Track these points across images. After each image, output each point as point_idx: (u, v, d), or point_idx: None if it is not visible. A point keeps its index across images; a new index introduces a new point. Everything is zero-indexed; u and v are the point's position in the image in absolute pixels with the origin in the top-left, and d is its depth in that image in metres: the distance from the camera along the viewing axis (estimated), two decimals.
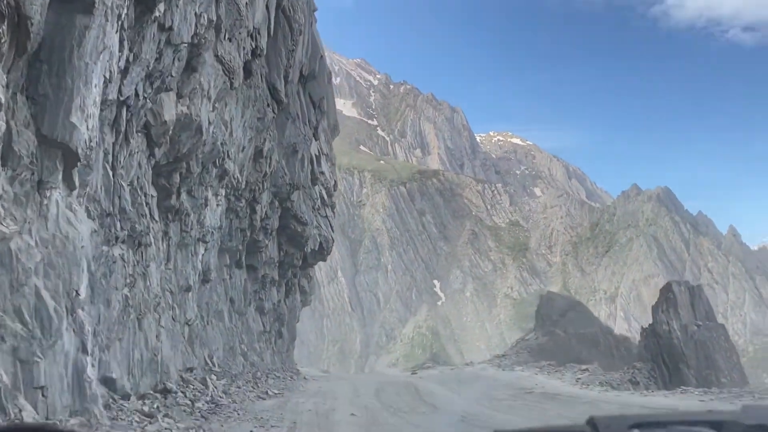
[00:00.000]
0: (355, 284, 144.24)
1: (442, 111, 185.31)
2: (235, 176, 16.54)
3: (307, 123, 22.54)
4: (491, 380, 17.91)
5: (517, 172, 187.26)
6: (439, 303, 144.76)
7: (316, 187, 26.81)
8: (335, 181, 31.04)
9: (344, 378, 29.28)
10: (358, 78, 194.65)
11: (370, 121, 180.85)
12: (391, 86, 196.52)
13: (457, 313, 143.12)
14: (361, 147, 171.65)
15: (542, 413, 11.26)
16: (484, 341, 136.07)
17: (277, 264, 24.59)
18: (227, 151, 15.33)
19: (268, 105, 17.35)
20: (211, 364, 17.39)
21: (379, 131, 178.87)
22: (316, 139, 24.74)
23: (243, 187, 17.41)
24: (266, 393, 16.18)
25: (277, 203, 21.87)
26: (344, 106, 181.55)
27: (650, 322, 21.33)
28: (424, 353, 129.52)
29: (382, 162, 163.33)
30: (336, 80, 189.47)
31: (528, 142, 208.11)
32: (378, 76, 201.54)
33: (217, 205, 16.17)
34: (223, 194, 16.49)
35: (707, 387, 15.50)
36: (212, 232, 16.38)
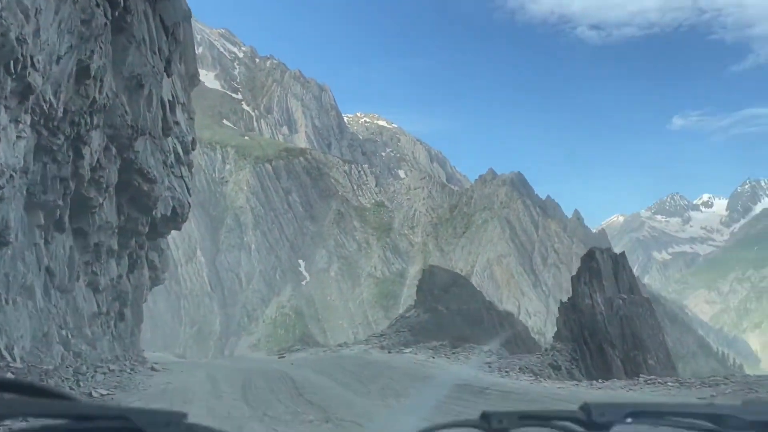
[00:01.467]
0: (215, 264, 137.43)
1: (310, 89, 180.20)
2: (47, 98, 11.65)
3: (157, 53, 17.66)
4: (385, 367, 14.63)
5: (383, 153, 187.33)
6: (304, 283, 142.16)
7: (169, 139, 21.84)
8: (193, 138, 26.08)
9: (202, 366, 24.84)
10: (221, 49, 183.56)
11: (234, 95, 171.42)
12: (257, 60, 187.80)
13: (321, 292, 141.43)
14: (225, 121, 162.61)
15: None
16: (347, 320, 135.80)
17: (117, 230, 19.49)
18: (32, 57, 10.48)
19: (98, 5, 12.51)
20: (9, 358, 12.44)
21: (244, 106, 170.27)
22: (168, 76, 19.80)
23: (60, 116, 12.49)
24: (89, 396, 11.69)
25: (115, 151, 16.86)
26: (206, 77, 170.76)
27: (569, 295, 18.89)
28: (287, 334, 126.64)
29: (246, 138, 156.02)
30: (198, 50, 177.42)
31: (394, 125, 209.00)
32: (243, 49, 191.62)
33: (18, 136, 11.22)
34: (28, 122, 11.54)
35: (634, 369, 13.32)
36: (11, 176, 11.41)
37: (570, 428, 1.31)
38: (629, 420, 1.33)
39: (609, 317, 16.91)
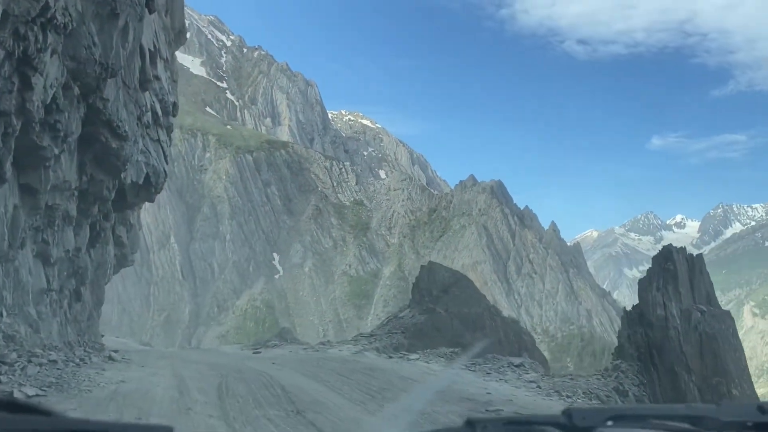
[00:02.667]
0: (188, 252, 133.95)
1: (296, 83, 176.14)
2: None
3: None
4: (395, 377, 11.60)
5: (365, 153, 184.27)
6: (277, 276, 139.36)
7: (147, 94, 18.45)
8: (175, 102, 22.69)
9: (168, 357, 21.47)
10: (209, 36, 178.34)
11: (219, 83, 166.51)
12: (245, 49, 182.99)
13: (293, 287, 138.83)
14: (208, 109, 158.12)
15: None
16: (318, 317, 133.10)
17: (76, 193, 16.07)
18: None
19: None
20: None
21: (228, 95, 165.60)
22: (150, 12, 16.44)
23: None
24: (10, 395, 8.41)
25: (77, 91, 13.49)
26: (192, 63, 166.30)
27: (635, 303, 15.47)
28: (257, 326, 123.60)
29: (229, 127, 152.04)
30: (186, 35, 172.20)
31: (377, 124, 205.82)
32: (231, 37, 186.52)
33: None
34: None
35: (715, 400, 10.48)
36: None
37: None
38: (610, 423, 1.32)
39: (685, 333, 13.72)
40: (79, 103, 14.12)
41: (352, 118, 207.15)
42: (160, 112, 19.96)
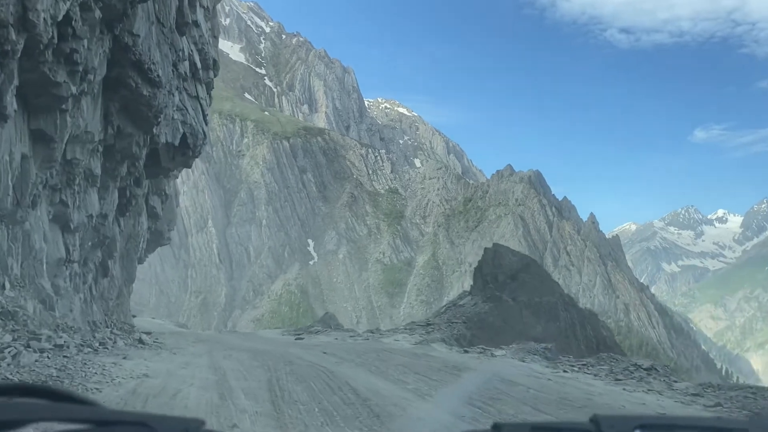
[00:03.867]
0: (225, 236, 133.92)
1: (333, 70, 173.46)
2: None
3: None
4: (501, 382, 8.61)
5: (401, 141, 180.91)
6: (311, 262, 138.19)
7: (185, 39, 15.72)
8: (215, 60, 19.94)
9: (204, 341, 18.96)
10: (249, 22, 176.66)
11: (258, 69, 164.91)
12: (284, 36, 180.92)
13: (328, 274, 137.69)
14: (246, 95, 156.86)
15: None
16: (352, 303, 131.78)
17: (101, 147, 13.42)
18: None
19: None
20: None
21: (267, 81, 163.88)
22: None
23: None
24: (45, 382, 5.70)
25: (99, 15, 10.76)
26: (231, 49, 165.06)
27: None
28: (291, 311, 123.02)
29: (266, 113, 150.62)
30: (225, 21, 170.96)
31: (414, 113, 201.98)
32: (271, 24, 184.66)
33: None
34: None
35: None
36: None
37: None
38: (637, 431, 1.28)
39: None
40: (102, 34, 11.36)
41: (388, 106, 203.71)
42: (199, 65, 17.21)
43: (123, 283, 18.97)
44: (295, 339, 23.00)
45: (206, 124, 17.82)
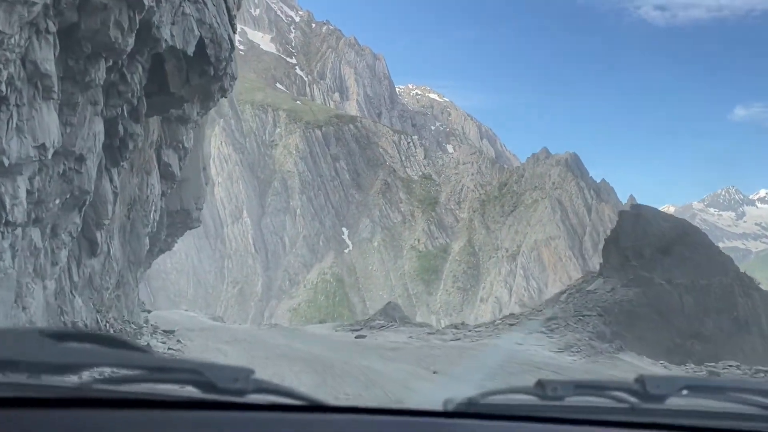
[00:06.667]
0: (260, 226, 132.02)
1: (364, 57, 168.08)
2: None
3: None
4: None
5: (432, 127, 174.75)
6: (346, 251, 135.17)
7: None
8: None
9: (240, 341, 13.42)
10: (279, 12, 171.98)
11: (288, 59, 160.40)
12: (314, 25, 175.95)
13: (363, 261, 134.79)
14: (278, 84, 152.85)
15: None
16: (387, 291, 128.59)
17: (53, 21, 7.54)
18: None
19: None
20: None
21: (298, 70, 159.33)
22: None
23: None
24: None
25: None
26: (262, 39, 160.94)
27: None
28: (327, 300, 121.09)
29: (298, 102, 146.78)
30: (255, 12, 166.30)
31: (445, 98, 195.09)
32: (300, 13, 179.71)
33: None
34: None
35: None
36: None
37: (624, 399, 1.28)
38: (684, 392, 1.26)
39: None
40: None
41: (419, 92, 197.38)
42: None
43: (126, 266, 13.18)
44: (355, 337, 17.11)
45: (233, 32, 11.83)
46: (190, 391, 1.08)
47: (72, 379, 1.09)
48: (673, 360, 9.70)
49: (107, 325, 11.46)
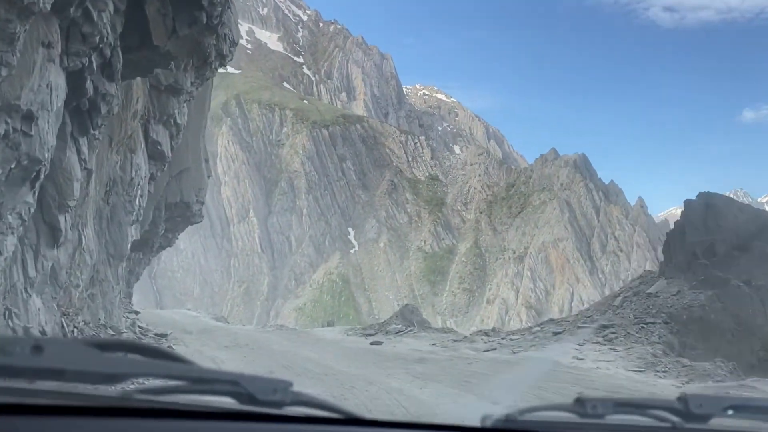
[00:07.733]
0: (267, 226, 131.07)
1: (371, 56, 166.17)
2: None
3: None
4: None
5: (440, 128, 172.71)
6: (352, 251, 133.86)
7: None
8: None
9: (241, 345, 11.25)
10: (286, 11, 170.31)
11: (296, 58, 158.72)
12: (321, 24, 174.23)
13: (369, 262, 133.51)
14: (285, 84, 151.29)
15: None
16: (393, 292, 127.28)
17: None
18: None
19: None
20: None
21: (305, 70, 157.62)
22: None
23: None
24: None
25: None
26: (270, 38, 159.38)
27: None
28: (333, 300, 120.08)
29: (305, 102, 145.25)
30: (263, 11, 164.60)
31: (452, 99, 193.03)
32: (308, 12, 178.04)
33: None
34: None
35: None
36: None
37: (666, 418, 1.23)
38: (730, 412, 1.19)
39: None
40: None
41: (426, 93, 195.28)
42: None
43: (104, 260, 10.83)
44: (371, 344, 14.76)
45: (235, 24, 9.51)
46: (230, 403, 1.09)
47: (115, 389, 1.11)
48: (755, 376, 7.50)
49: (75, 330, 9.21)
